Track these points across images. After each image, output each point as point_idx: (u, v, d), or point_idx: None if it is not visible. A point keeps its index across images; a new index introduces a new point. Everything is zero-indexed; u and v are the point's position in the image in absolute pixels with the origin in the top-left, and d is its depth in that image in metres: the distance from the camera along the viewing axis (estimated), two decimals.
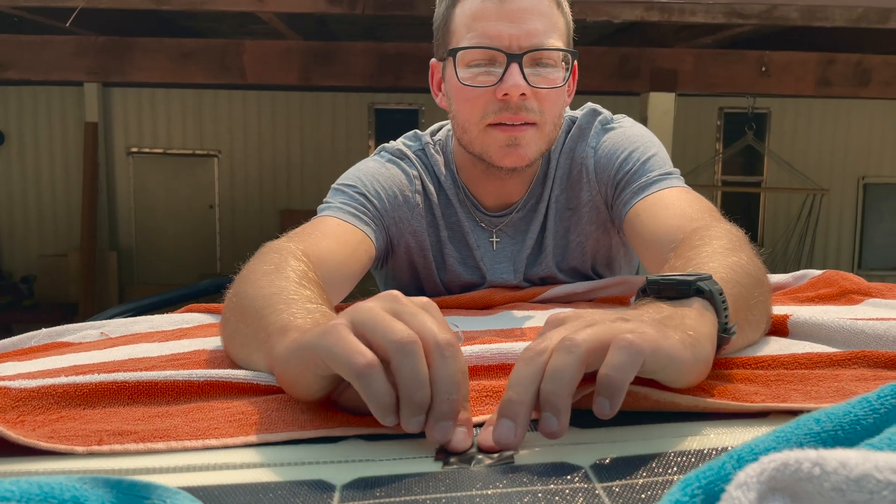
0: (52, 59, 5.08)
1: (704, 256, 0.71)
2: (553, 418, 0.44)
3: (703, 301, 0.57)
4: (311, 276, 0.77)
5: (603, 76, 5.30)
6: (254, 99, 8.26)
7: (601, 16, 3.99)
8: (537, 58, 1.00)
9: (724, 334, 0.57)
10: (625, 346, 0.45)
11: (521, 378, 0.46)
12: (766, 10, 3.97)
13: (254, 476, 0.44)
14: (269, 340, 0.60)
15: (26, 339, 0.93)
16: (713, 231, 0.80)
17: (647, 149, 1.10)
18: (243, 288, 0.74)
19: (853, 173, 8.67)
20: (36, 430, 0.50)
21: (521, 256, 1.17)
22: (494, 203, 1.17)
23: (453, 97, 1.06)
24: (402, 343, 0.46)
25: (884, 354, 0.59)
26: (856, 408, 0.36)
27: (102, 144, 8.04)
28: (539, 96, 1.01)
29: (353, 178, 1.12)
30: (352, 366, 0.46)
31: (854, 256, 8.79)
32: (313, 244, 0.93)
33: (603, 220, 1.16)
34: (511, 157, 1.03)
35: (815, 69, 5.34)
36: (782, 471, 0.27)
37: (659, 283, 0.58)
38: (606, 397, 0.45)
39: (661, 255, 0.89)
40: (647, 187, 1.05)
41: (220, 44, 5.21)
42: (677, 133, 6.32)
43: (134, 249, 8.42)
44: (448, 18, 1.05)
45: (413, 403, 0.45)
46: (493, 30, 0.98)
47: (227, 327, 0.74)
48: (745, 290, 0.66)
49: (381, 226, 1.11)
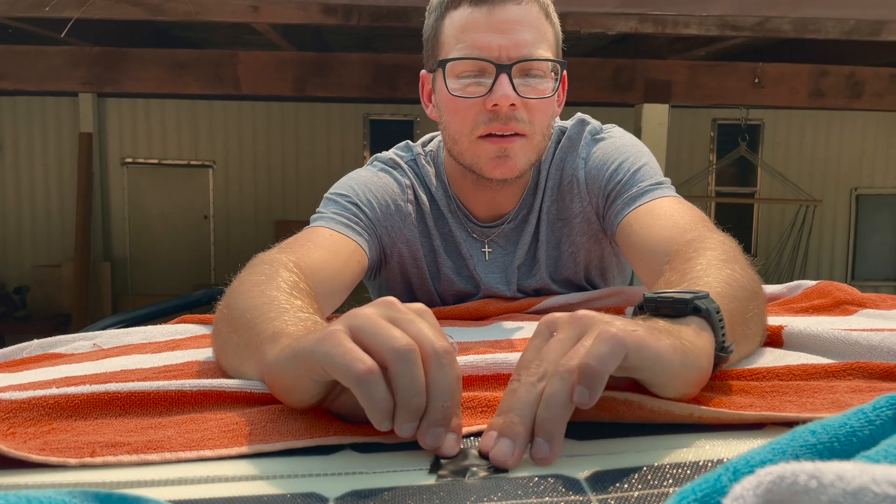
0: (46, 69, 5.08)
1: (699, 270, 0.71)
2: (546, 445, 0.45)
3: (700, 320, 0.57)
4: (303, 287, 0.77)
5: (597, 87, 5.33)
6: (249, 110, 8.27)
7: (596, 28, 4.01)
8: (526, 68, 1.00)
9: (722, 353, 0.57)
10: (608, 338, 0.46)
11: (522, 402, 0.46)
12: (759, 23, 4.00)
13: (246, 489, 0.43)
14: (261, 348, 0.60)
15: (18, 350, 0.92)
16: (707, 242, 0.79)
17: (638, 158, 1.10)
18: (234, 299, 0.74)
19: (846, 184, 8.71)
20: (27, 441, 0.50)
21: (513, 267, 1.17)
22: (486, 214, 1.17)
23: (443, 108, 1.06)
24: (401, 351, 0.47)
25: (879, 365, 0.59)
26: (852, 419, 0.35)
27: (97, 155, 8.04)
28: (528, 107, 1.01)
29: (345, 187, 1.12)
30: (352, 372, 0.46)
31: (847, 267, 8.82)
32: (305, 255, 0.93)
33: (594, 231, 1.16)
34: (501, 169, 1.03)
35: (807, 81, 5.38)
36: (779, 483, 0.27)
37: (656, 301, 0.58)
38: (586, 386, 0.45)
39: (655, 267, 0.89)
40: (638, 197, 1.04)
41: (215, 54, 5.23)
42: (671, 144, 6.35)
43: (128, 260, 8.40)
44: (437, 30, 1.05)
45: (409, 410, 0.46)
46: (483, 41, 0.98)
47: (219, 338, 0.74)
48: (740, 304, 0.66)
49: (373, 235, 1.10)
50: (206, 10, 3.88)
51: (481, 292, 1.18)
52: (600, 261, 1.20)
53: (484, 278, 1.17)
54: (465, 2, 1.01)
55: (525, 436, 0.45)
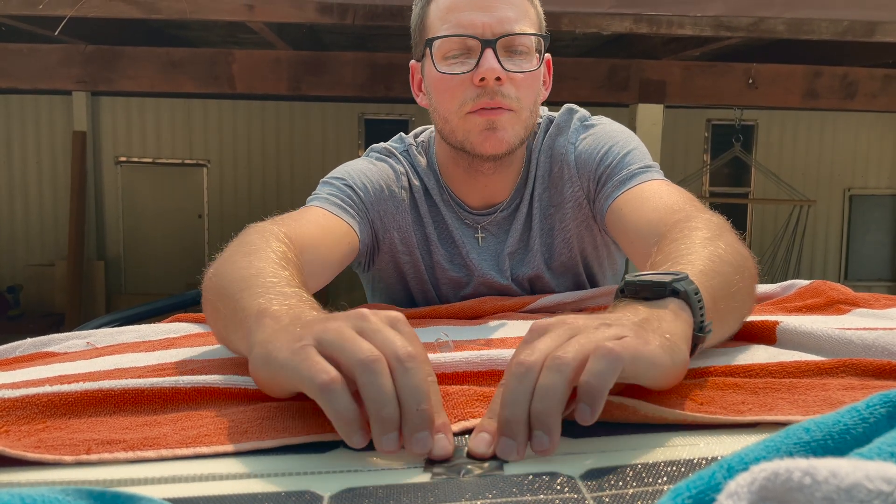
0: (40, 67, 5.06)
1: (683, 249, 0.72)
2: (545, 437, 0.45)
3: (679, 301, 0.58)
4: (291, 258, 0.79)
5: (592, 87, 5.33)
6: (243, 109, 8.25)
7: (591, 28, 4.02)
8: (510, 45, 1.03)
9: (700, 333, 0.59)
10: (605, 355, 0.46)
11: (516, 396, 0.46)
12: (753, 23, 4.01)
13: (241, 487, 0.43)
14: (246, 324, 0.61)
15: (11, 349, 0.92)
16: (693, 222, 0.81)
17: (627, 143, 1.12)
18: (223, 268, 0.76)
19: (839, 185, 8.74)
20: (22, 439, 0.49)
21: (504, 255, 1.18)
22: (479, 203, 1.18)
23: (433, 90, 1.09)
24: (365, 362, 0.47)
25: (871, 363, 0.59)
26: (845, 417, 0.36)
27: (91, 153, 8.00)
28: (514, 82, 1.03)
29: (341, 171, 1.15)
30: (314, 383, 0.47)
31: (840, 267, 8.85)
32: (297, 229, 0.95)
33: (586, 216, 1.17)
34: (490, 142, 1.04)
35: (801, 82, 5.39)
36: (773, 480, 0.27)
37: (636, 285, 0.59)
38: (588, 403, 0.45)
39: (645, 249, 0.91)
40: (627, 180, 1.06)
41: (209, 53, 5.21)
42: (665, 144, 6.36)
43: (122, 259, 8.37)
44: (424, 16, 1.09)
45: (381, 420, 0.46)
46: (467, 19, 1.02)
47: (207, 306, 0.77)
48: (724, 279, 0.68)
49: (365, 218, 1.12)
50: (201, 8, 3.87)
51: (475, 280, 1.18)
52: (594, 248, 1.22)
53: (477, 265, 1.18)
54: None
55: (524, 431, 0.45)
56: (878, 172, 8.75)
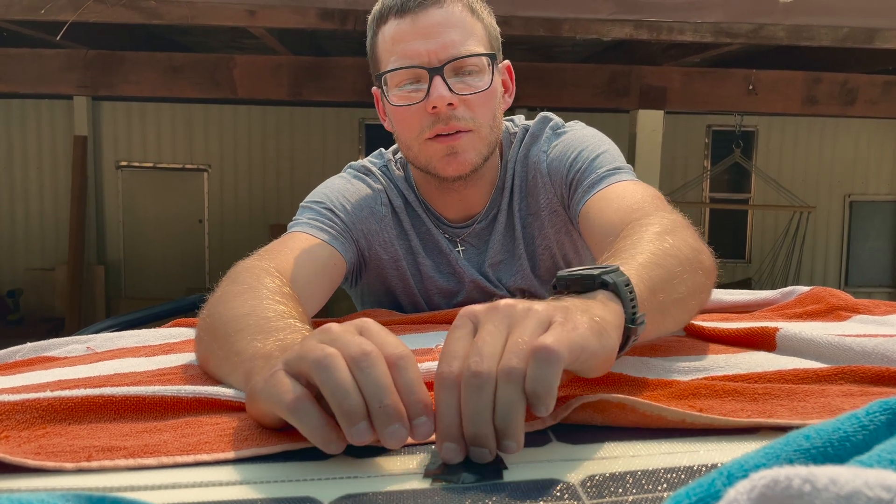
0: (41, 72, 5.06)
1: (629, 245, 0.73)
2: (512, 443, 0.45)
3: (608, 293, 0.58)
4: (286, 291, 0.80)
5: (592, 93, 5.33)
6: (244, 113, 8.26)
7: (591, 34, 4.02)
8: (459, 67, 1.03)
9: (631, 325, 0.58)
10: (545, 358, 0.46)
11: (478, 413, 0.46)
12: (753, 30, 4.01)
13: (241, 493, 0.43)
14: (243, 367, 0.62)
15: (11, 353, 0.92)
16: (649, 219, 0.82)
17: (597, 147, 1.12)
18: (217, 309, 0.76)
19: (839, 191, 8.74)
20: (22, 445, 0.49)
21: (486, 266, 1.18)
22: (456, 215, 1.19)
23: (393, 119, 1.10)
24: (318, 360, 0.48)
25: (870, 369, 0.59)
26: (845, 424, 0.36)
27: (92, 158, 8.01)
28: (468, 103, 1.03)
29: (319, 195, 1.15)
30: (283, 405, 0.48)
31: (841, 273, 8.85)
32: (283, 260, 0.95)
33: (564, 222, 1.18)
34: (453, 166, 1.05)
35: (801, 88, 5.39)
36: (772, 487, 0.27)
37: (566, 280, 0.60)
38: (541, 405, 0.46)
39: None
40: (596, 183, 1.06)
41: (210, 58, 5.21)
42: (666, 150, 6.37)
43: (122, 264, 8.37)
44: (374, 47, 1.09)
45: (344, 413, 0.46)
46: (412, 49, 1.02)
47: (201, 346, 0.76)
48: (665, 270, 0.68)
49: (349, 239, 1.12)
50: (203, 13, 3.88)
51: (465, 287, 1.18)
52: (576, 253, 1.22)
53: (466, 271, 1.18)
54: (391, 15, 1.04)
55: (493, 439, 0.46)
56: (879, 179, 8.75)
